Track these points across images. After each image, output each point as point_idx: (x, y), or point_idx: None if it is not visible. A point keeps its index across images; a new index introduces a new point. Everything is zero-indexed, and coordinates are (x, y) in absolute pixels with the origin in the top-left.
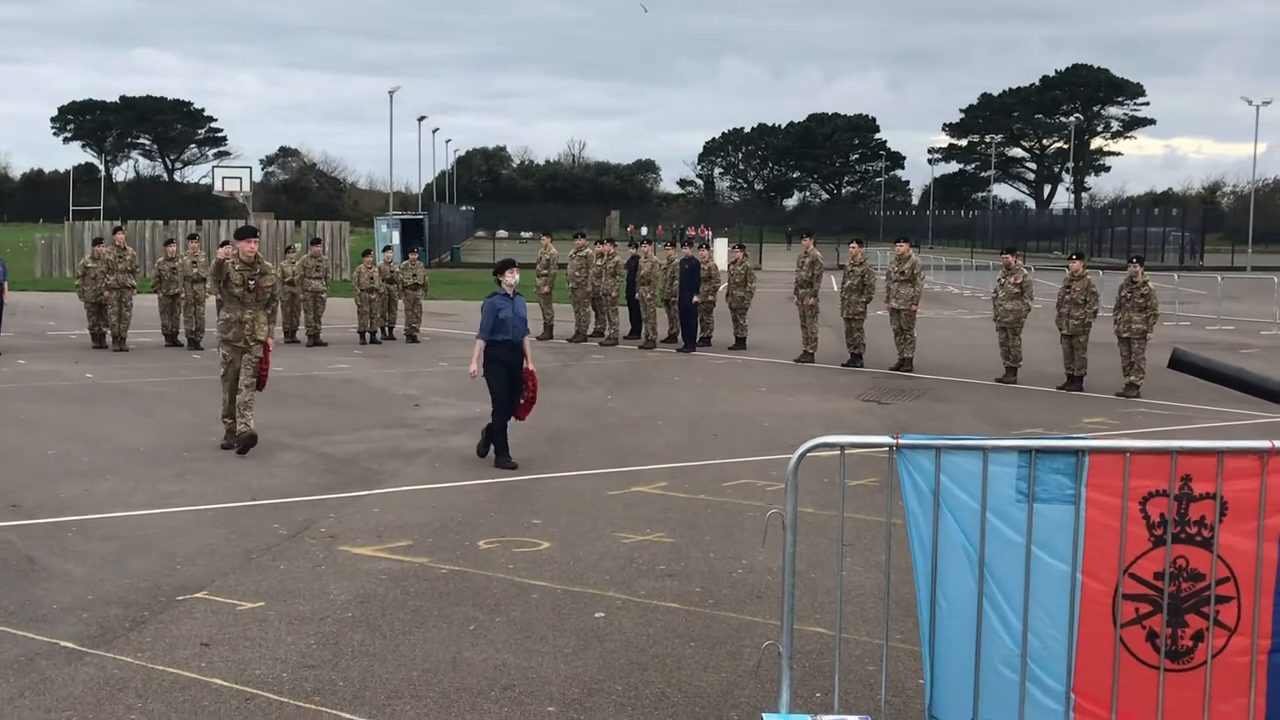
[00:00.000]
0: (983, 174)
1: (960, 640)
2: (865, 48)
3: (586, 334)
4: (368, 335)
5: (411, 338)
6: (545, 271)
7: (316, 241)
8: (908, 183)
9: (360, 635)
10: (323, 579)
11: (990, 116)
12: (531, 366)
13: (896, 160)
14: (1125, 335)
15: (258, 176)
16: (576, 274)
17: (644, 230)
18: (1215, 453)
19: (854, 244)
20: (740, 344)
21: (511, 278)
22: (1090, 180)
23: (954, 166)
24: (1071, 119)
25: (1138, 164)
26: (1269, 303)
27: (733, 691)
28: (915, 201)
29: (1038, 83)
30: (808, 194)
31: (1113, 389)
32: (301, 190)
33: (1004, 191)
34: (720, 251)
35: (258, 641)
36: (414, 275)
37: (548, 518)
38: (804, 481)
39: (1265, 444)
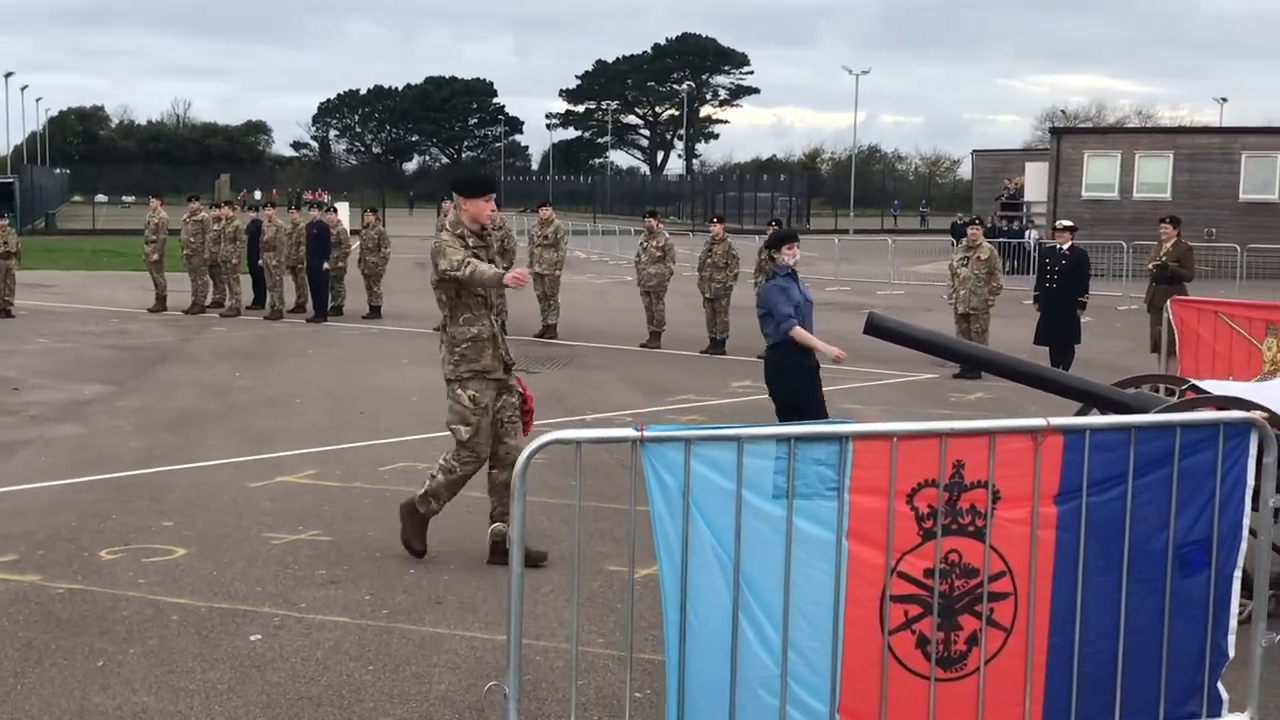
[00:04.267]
0: (599, 140)
1: (713, 662)
2: (494, 12)
3: (205, 304)
4: None
5: (5, 312)
6: (154, 237)
7: None
8: (527, 148)
9: None
10: None
11: (605, 84)
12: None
13: (515, 125)
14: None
15: None
16: (192, 240)
17: (257, 194)
18: (987, 433)
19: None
20: (375, 313)
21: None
22: (701, 147)
23: (572, 133)
24: (683, 87)
25: (745, 132)
26: (880, 263)
27: None
28: (535, 167)
29: (650, 51)
30: (427, 158)
31: (755, 351)
32: None
33: (620, 158)
34: (343, 215)
35: None
36: (4, 243)
37: (181, 518)
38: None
39: (1039, 422)
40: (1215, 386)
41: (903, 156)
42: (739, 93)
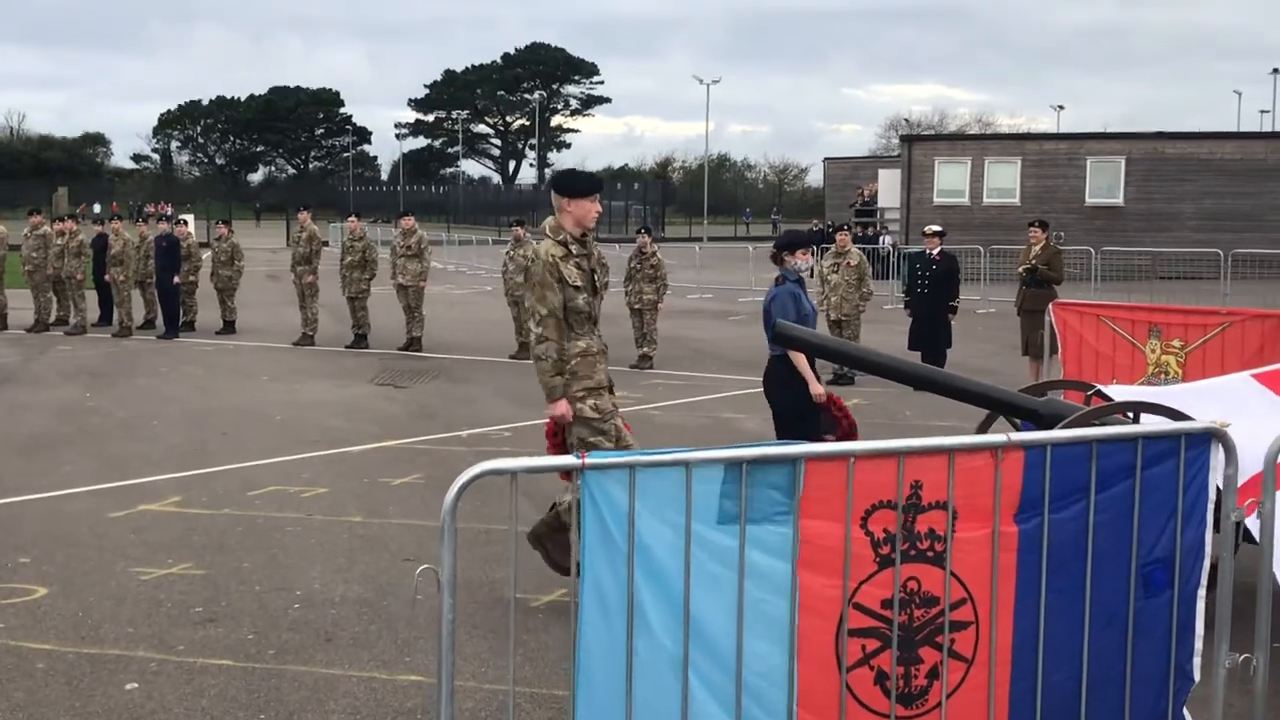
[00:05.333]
0: (450, 150)
1: (657, 715)
2: (347, 19)
3: (48, 322)
4: None
5: None
6: None
7: None
8: (375, 158)
9: None
10: None
11: (454, 93)
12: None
13: (364, 135)
14: (637, 306)
15: None
16: (34, 255)
17: (96, 207)
18: (946, 451)
19: (352, 219)
20: (229, 328)
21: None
22: (553, 156)
23: (422, 142)
24: (534, 96)
25: (598, 141)
26: (738, 271)
27: None
28: (385, 177)
29: (499, 60)
30: (273, 169)
31: (626, 361)
32: None
33: (472, 167)
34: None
35: None
36: None
37: (39, 553)
38: (362, 489)
39: (1000, 438)
40: (1118, 392)
41: (752, 165)
42: (590, 102)
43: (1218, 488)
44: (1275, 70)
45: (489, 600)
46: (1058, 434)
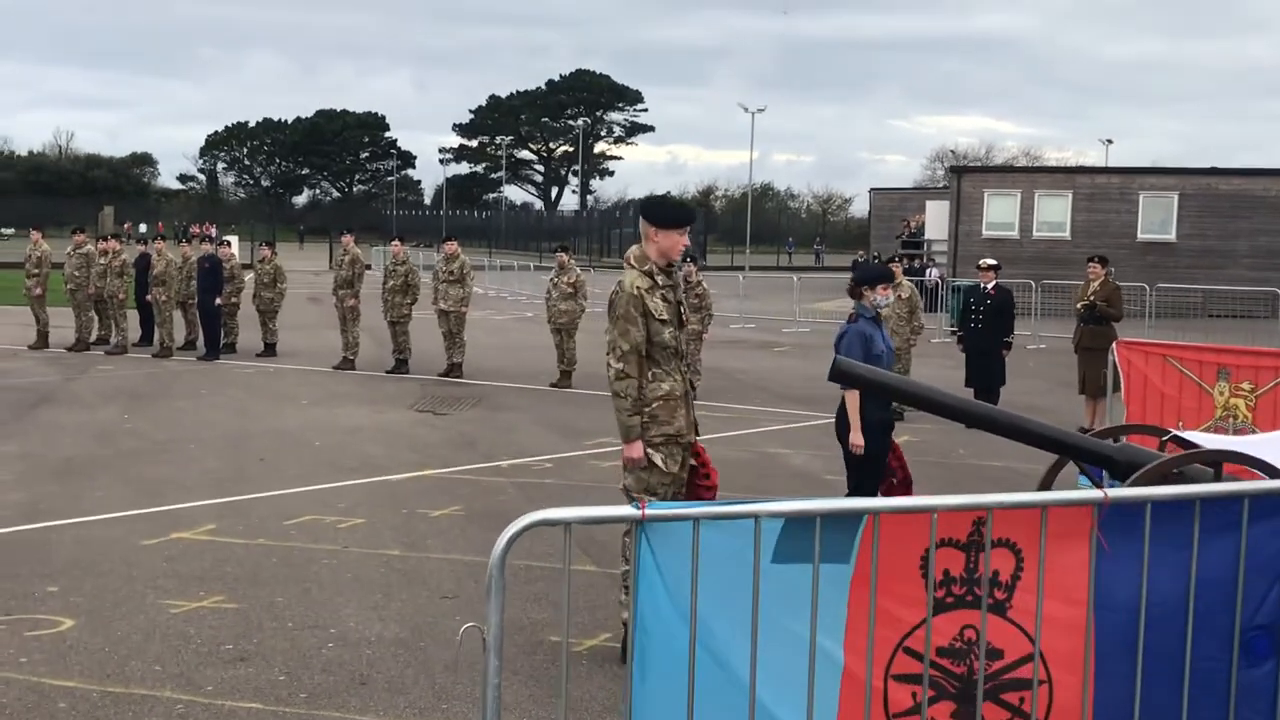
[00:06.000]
0: (493, 175)
1: None
2: (396, 46)
3: (90, 341)
4: None
5: None
6: (36, 271)
7: None
8: (419, 182)
9: None
10: None
11: (499, 119)
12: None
13: (408, 159)
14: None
15: None
16: (76, 274)
17: (142, 227)
18: (1039, 506)
19: (395, 242)
20: (270, 350)
21: None
22: (595, 183)
23: (465, 168)
24: (578, 123)
25: (640, 168)
26: (781, 300)
27: None
28: (428, 201)
29: (544, 86)
30: (318, 191)
31: None
32: None
33: (514, 193)
34: (234, 249)
35: None
36: None
37: (67, 582)
38: (378, 514)
39: (1096, 494)
40: (1199, 438)
41: (795, 194)
42: (633, 130)
43: None
44: None
45: (530, 644)
46: (1155, 490)
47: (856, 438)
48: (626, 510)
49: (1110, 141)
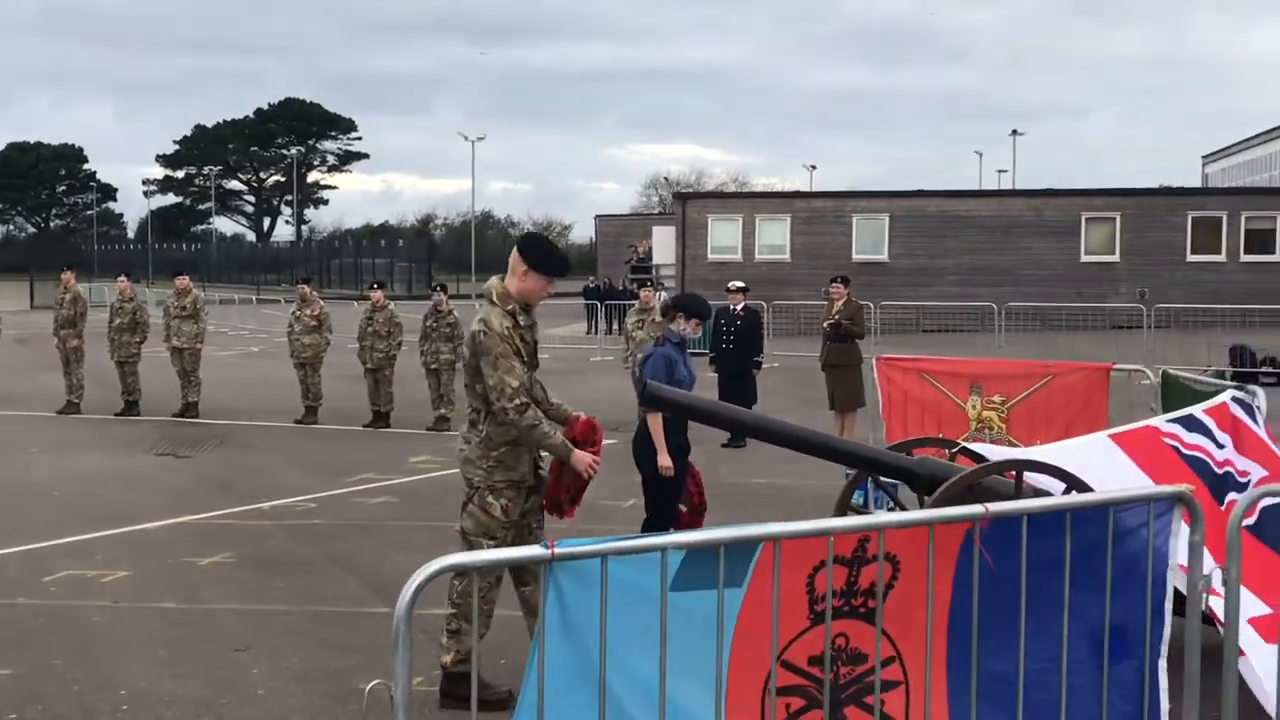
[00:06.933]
0: (201, 206)
1: None
2: (89, 75)
3: None
4: None
5: None
6: None
7: None
8: (121, 215)
9: None
10: None
11: (205, 148)
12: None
13: (109, 192)
14: (434, 366)
15: None
16: None
17: None
18: (925, 524)
19: (122, 279)
20: None
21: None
22: (310, 213)
23: (171, 199)
24: (292, 151)
25: (356, 197)
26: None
27: None
28: (132, 235)
29: (252, 115)
30: (12, 227)
31: (421, 424)
32: None
33: (224, 224)
34: None
35: None
36: None
37: None
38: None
39: (978, 509)
40: (985, 450)
41: (516, 221)
42: (347, 158)
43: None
44: (1014, 132)
45: (340, 692)
46: (1030, 503)
47: (665, 460)
48: (536, 550)
49: (815, 167)
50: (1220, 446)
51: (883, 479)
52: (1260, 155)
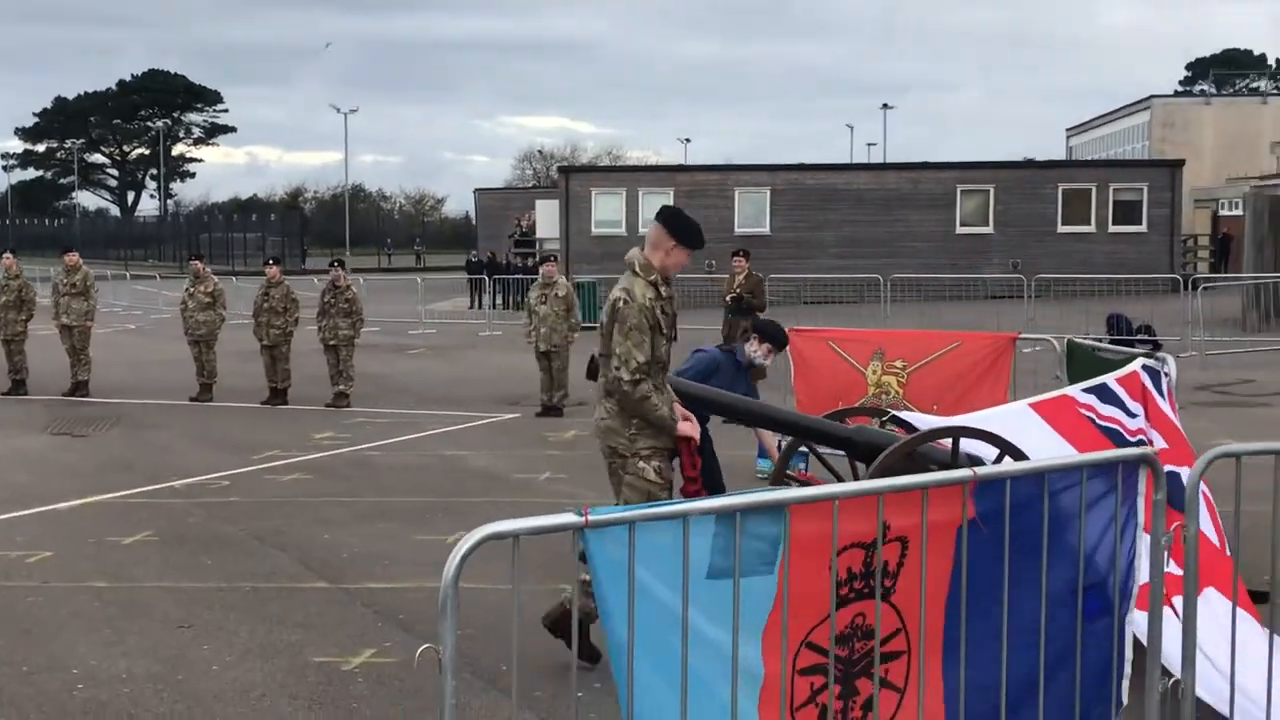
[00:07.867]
0: (63, 180)
1: None
2: None
3: None
4: None
5: None
6: None
7: None
8: None
9: None
10: None
11: (66, 121)
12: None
13: None
14: (332, 343)
15: None
16: None
17: None
18: (920, 488)
19: (8, 255)
20: None
21: None
22: (176, 187)
23: (32, 173)
24: (158, 124)
25: (221, 170)
26: (401, 303)
27: None
28: None
29: (115, 87)
30: None
31: (319, 400)
32: None
33: (88, 199)
34: None
35: None
36: None
37: None
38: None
39: (966, 473)
40: (914, 418)
41: (388, 195)
42: (213, 131)
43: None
44: (885, 105)
45: (296, 666)
46: (1011, 466)
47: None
48: (569, 518)
49: (689, 140)
50: (1132, 416)
51: (821, 448)
52: (1122, 128)
